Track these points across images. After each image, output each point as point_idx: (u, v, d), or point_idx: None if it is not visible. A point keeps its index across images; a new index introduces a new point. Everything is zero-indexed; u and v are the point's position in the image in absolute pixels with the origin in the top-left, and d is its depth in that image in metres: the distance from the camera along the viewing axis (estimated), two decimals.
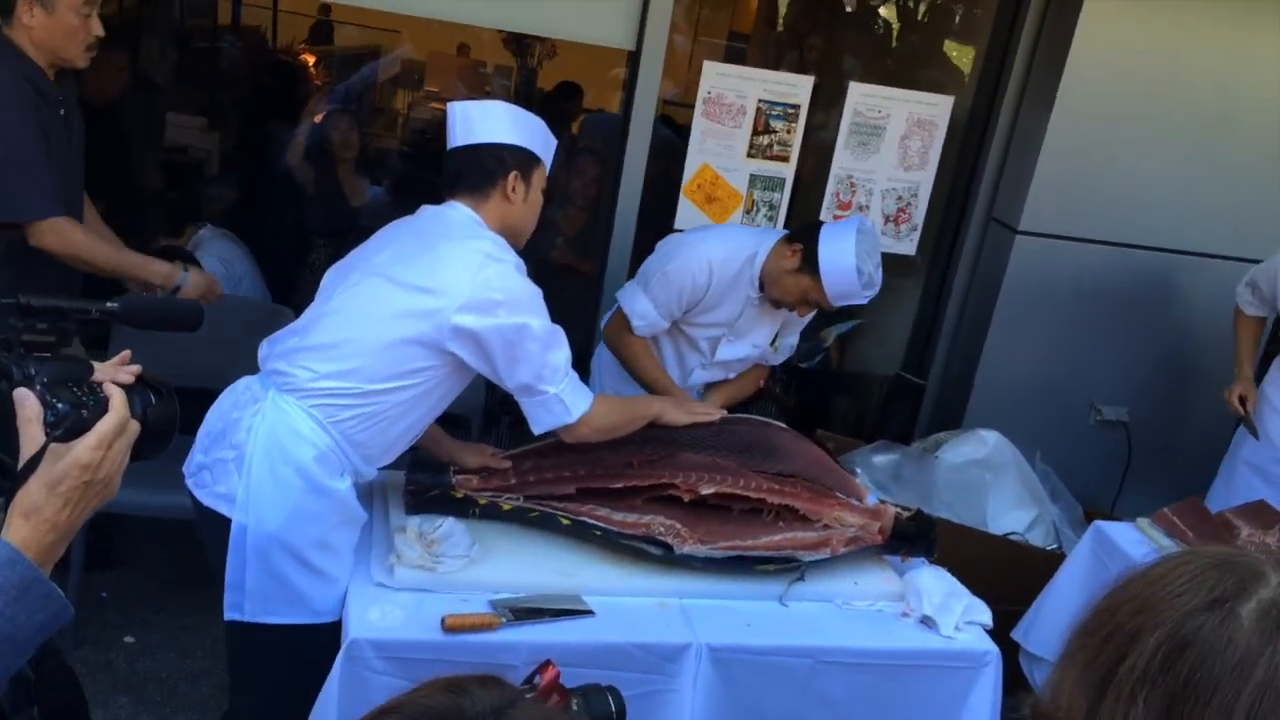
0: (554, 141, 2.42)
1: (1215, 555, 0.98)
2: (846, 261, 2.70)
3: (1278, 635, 0.91)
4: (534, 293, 2.21)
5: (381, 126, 6.29)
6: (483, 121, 2.29)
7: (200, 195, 5.00)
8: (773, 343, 3.11)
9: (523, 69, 6.39)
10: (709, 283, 2.90)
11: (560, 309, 3.06)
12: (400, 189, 4.84)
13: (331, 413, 2.17)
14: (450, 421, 3.10)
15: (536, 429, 2.35)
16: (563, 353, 2.26)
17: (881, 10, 7.42)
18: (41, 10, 2.64)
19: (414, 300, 2.15)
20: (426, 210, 2.35)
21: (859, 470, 3.57)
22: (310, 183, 4.65)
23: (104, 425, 1.13)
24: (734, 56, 5.91)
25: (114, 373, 1.18)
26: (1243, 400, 3.38)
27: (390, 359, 2.16)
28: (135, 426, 1.16)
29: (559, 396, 2.27)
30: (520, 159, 2.30)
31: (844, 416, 4.56)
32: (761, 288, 2.90)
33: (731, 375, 3.19)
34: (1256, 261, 3.81)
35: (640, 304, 2.95)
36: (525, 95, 6.14)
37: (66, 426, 1.11)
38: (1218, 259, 3.81)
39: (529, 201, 2.35)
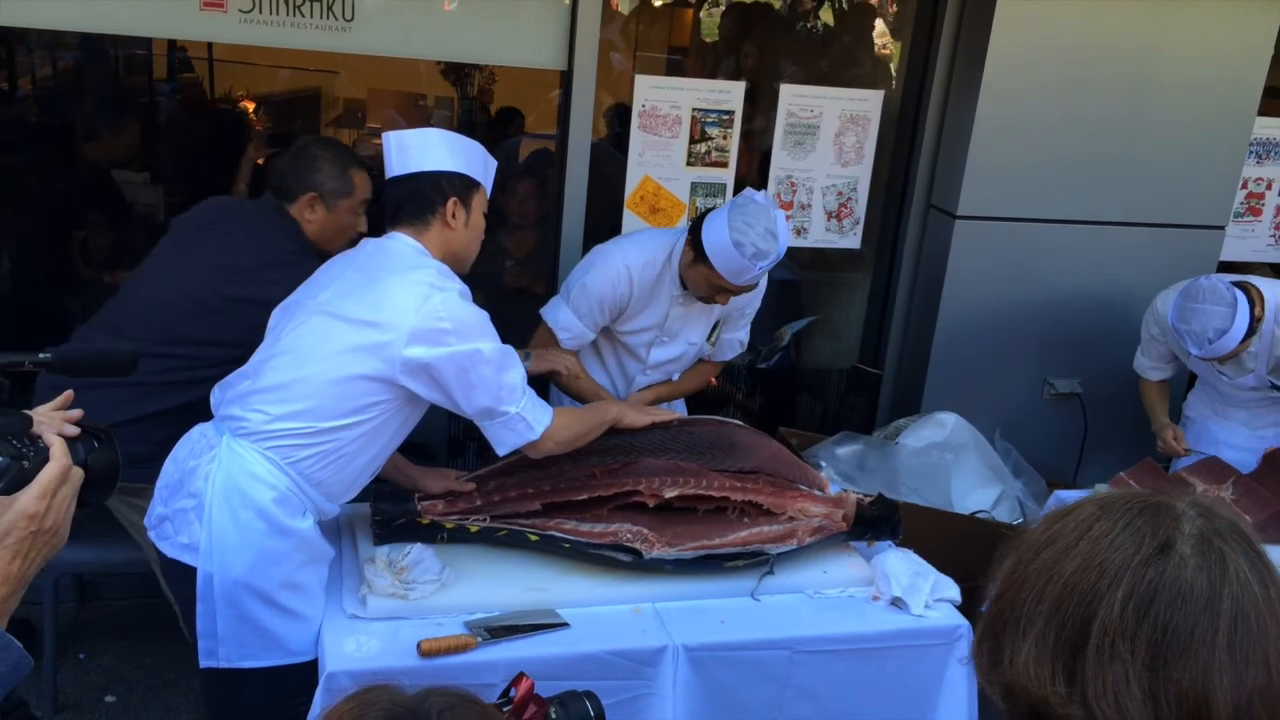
0: (494, 163, 2.44)
1: (1130, 501, 1.03)
2: (724, 240, 2.74)
3: (1224, 565, 0.96)
4: (481, 317, 2.23)
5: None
6: (419, 150, 2.31)
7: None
8: (710, 338, 3.15)
9: (464, 98, 6.41)
10: (630, 289, 2.94)
11: (516, 331, 3.10)
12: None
13: (288, 453, 2.18)
14: (415, 450, 3.12)
15: (501, 450, 2.36)
16: (517, 371, 2.28)
17: (812, 13, 7.53)
18: (323, 208, 2.81)
19: (362, 335, 2.16)
20: (368, 243, 2.36)
21: (823, 463, 3.62)
22: None
23: (46, 475, 1.15)
24: (675, 69, 5.99)
25: (58, 423, 1.20)
26: (1176, 438, 3.55)
27: (342, 396, 2.17)
28: (78, 474, 1.18)
29: (520, 415, 2.29)
30: (459, 185, 2.32)
31: (807, 413, 4.62)
32: (684, 285, 2.95)
33: (675, 376, 3.23)
34: (1186, 227, 3.94)
35: (563, 316, 2.97)
36: (467, 124, 6.18)
37: (9, 479, 1.12)
38: (1150, 226, 3.90)
39: (471, 226, 2.37)
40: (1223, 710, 0.93)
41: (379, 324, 2.15)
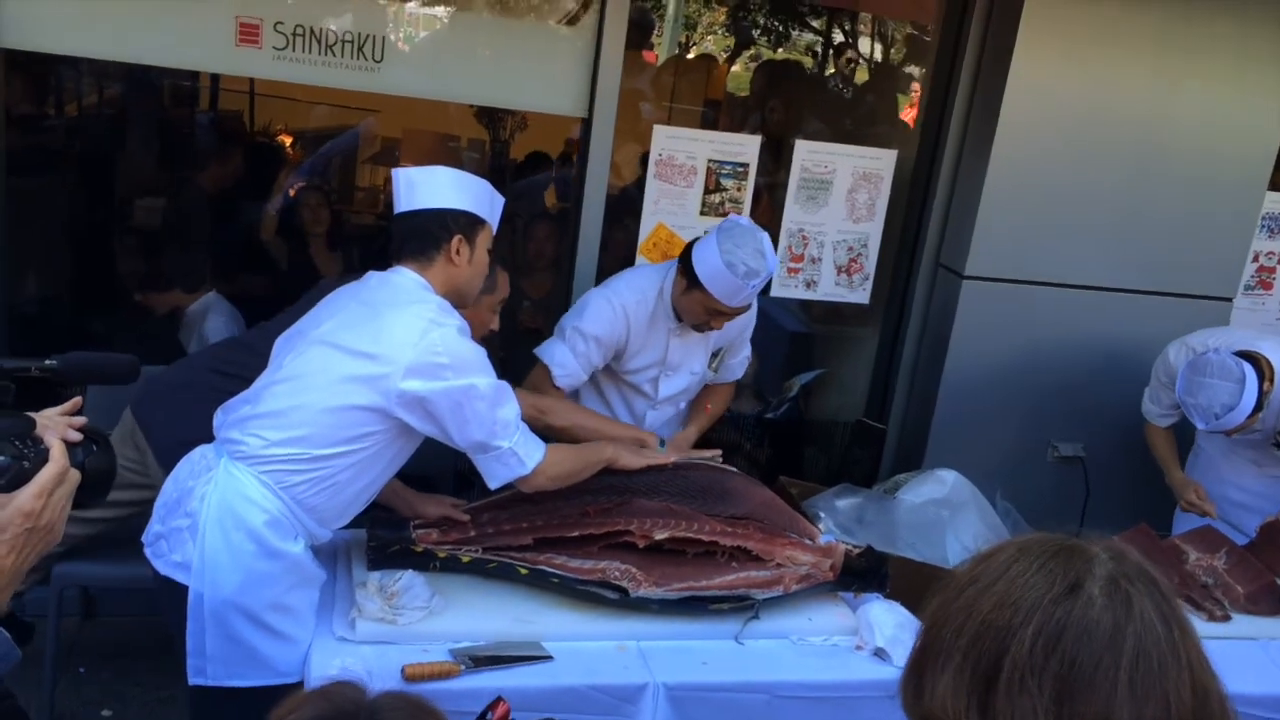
0: (501, 201, 2.51)
1: (1046, 544, 1.08)
2: (716, 263, 2.82)
3: (1129, 605, 1.02)
4: (479, 353, 2.29)
5: (361, 203, 6.44)
6: (426, 187, 2.39)
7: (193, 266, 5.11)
8: (712, 365, 3.22)
9: (495, 141, 6.56)
10: (626, 328, 3.01)
11: (528, 372, 3.17)
12: (374, 263, 4.96)
13: (282, 478, 2.23)
14: (419, 483, 3.18)
15: (493, 484, 2.41)
16: (512, 407, 2.34)
17: (836, 74, 7.67)
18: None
19: (360, 366, 2.22)
20: (372, 276, 2.43)
21: (822, 514, 3.64)
22: (283, 256, 4.78)
23: (44, 475, 1.22)
24: (708, 123, 6.12)
25: (61, 427, 1.27)
26: (1197, 494, 3.53)
27: (337, 425, 2.23)
28: (75, 475, 1.25)
29: (513, 450, 2.34)
30: (464, 222, 2.39)
31: (813, 463, 4.65)
32: (679, 317, 3.01)
33: (683, 405, 3.29)
34: (1193, 297, 3.97)
35: (559, 354, 3.02)
36: (496, 166, 6.31)
37: (9, 478, 1.19)
38: (1156, 295, 3.94)
39: (474, 263, 2.44)
40: None
41: (377, 356, 2.21)
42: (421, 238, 2.38)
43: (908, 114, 4.59)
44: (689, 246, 2.95)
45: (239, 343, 3.09)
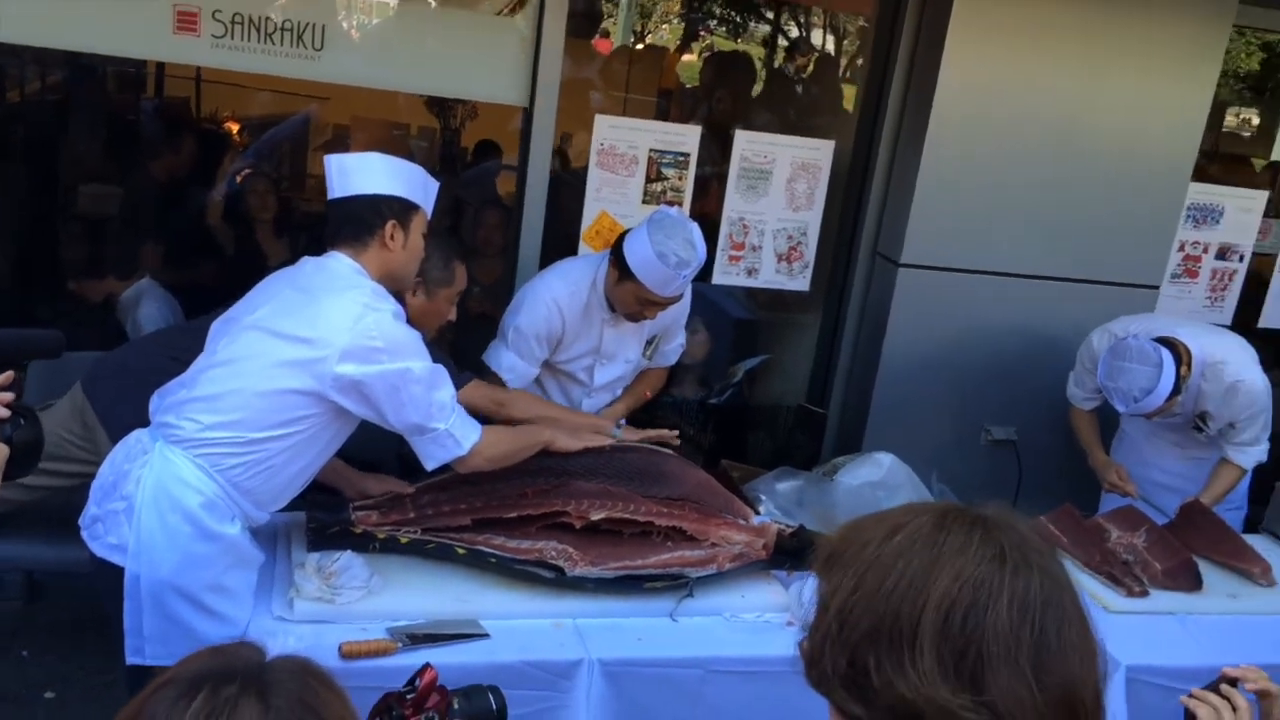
0: (434, 185, 2.54)
1: (959, 516, 1.10)
2: (647, 254, 2.91)
3: (1046, 571, 1.05)
4: (414, 337, 2.33)
5: (310, 191, 6.42)
6: (359, 173, 2.42)
7: (135, 252, 5.10)
8: (646, 353, 3.30)
9: (445, 129, 6.57)
10: (562, 321, 3.08)
11: (478, 358, 3.22)
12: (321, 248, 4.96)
13: (217, 461, 2.26)
14: (364, 468, 3.21)
15: (430, 465, 2.45)
16: (447, 390, 2.38)
17: (781, 64, 7.75)
18: (424, 294, 2.90)
19: (295, 350, 2.25)
20: (308, 262, 2.46)
21: (763, 497, 3.72)
22: (230, 243, 4.77)
23: None
24: (660, 112, 6.18)
25: None
26: (1119, 475, 3.65)
27: (272, 408, 2.26)
28: (3, 450, 1.28)
29: (449, 431, 2.39)
30: (398, 208, 2.42)
31: (757, 448, 4.73)
32: (613, 309, 3.07)
33: (618, 392, 3.36)
34: (1121, 285, 4.09)
35: (505, 358, 3.12)
36: (446, 154, 6.32)
37: None
38: (1086, 283, 4.06)
39: (409, 248, 2.47)
40: (1089, 699, 1.03)
41: (312, 340, 2.24)
42: (355, 223, 2.41)
43: (848, 105, 4.67)
44: (620, 238, 3.01)
45: (194, 329, 3.09)
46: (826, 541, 1.17)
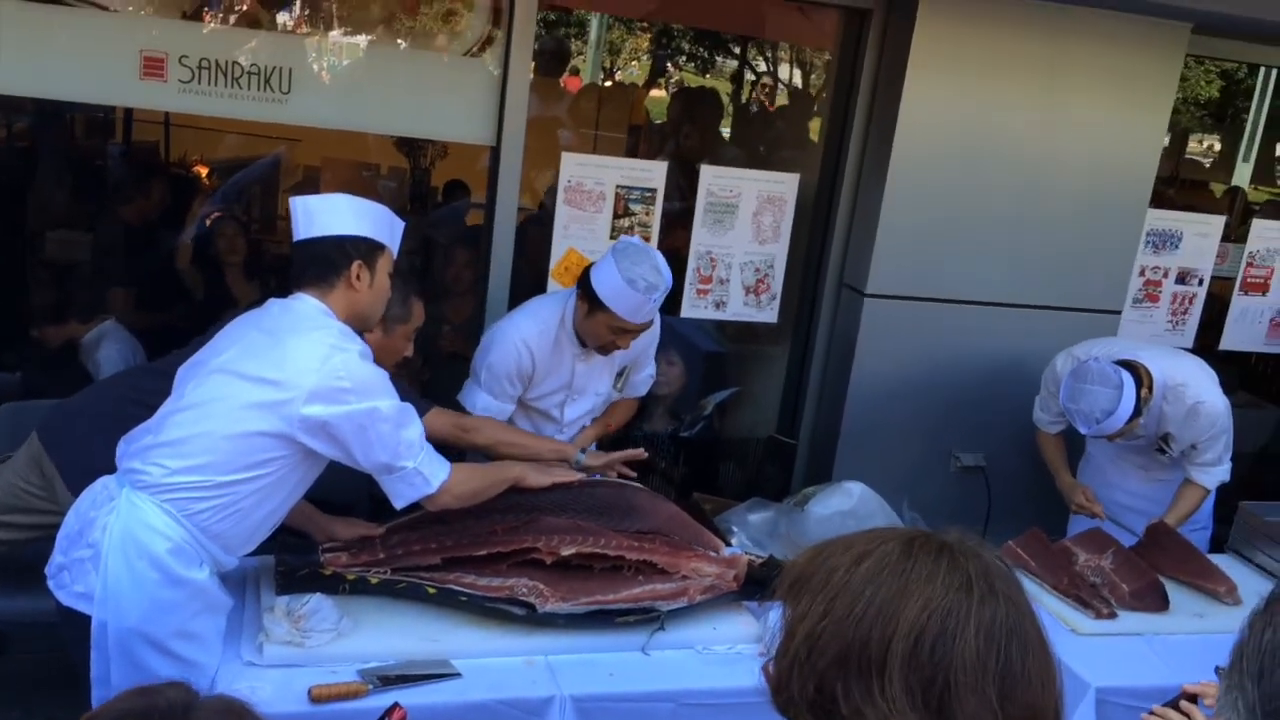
0: (400, 225, 2.55)
1: (923, 543, 1.12)
2: (616, 283, 2.94)
3: (1010, 599, 1.08)
4: (380, 376, 2.34)
5: (281, 232, 6.42)
6: (324, 214, 2.43)
7: (102, 296, 5.09)
8: (617, 385, 3.33)
9: (415, 169, 6.60)
10: (532, 360, 3.11)
11: (450, 396, 3.23)
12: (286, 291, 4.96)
13: (185, 505, 2.25)
14: (336, 510, 3.21)
15: (398, 503, 2.46)
16: (415, 428, 2.39)
17: (746, 99, 7.84)
18: (381, 330, 2.80)
19: (261, 393, 2.25)
20: (273, 304, 2.47)
21: (735, 528, 3.73)
22: (199, 286, 4.77)
23: None
24: (629, 149, 6.24)
25: None
26: (1085, 496, 3.69)
27: (239, 451, 2.26)
28: None
29: (417, 469, 2.40)
30: (364, 248, 2.44)
31: (729, 479, 4.74)
32: (584, 343, 3.10)
33: (588, 424, 3.38)
34: (1083, 310, 4.15)
35: (480, 399, 3.14)
36: (416, 194, 6.35)
37: None
38: (1048, 309, 4.12)
39: (375, 287, 2.48)
40: None
41: (279, 382, 2.25)
42: (321, 264, 2.42)
43: (813, 138, 4.73)
44: (585, 272, 3.04)
45: (153, 370, 3.09)
46: (792, 566, 1.18)
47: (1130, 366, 3.35)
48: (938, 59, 3.82)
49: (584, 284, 3.02)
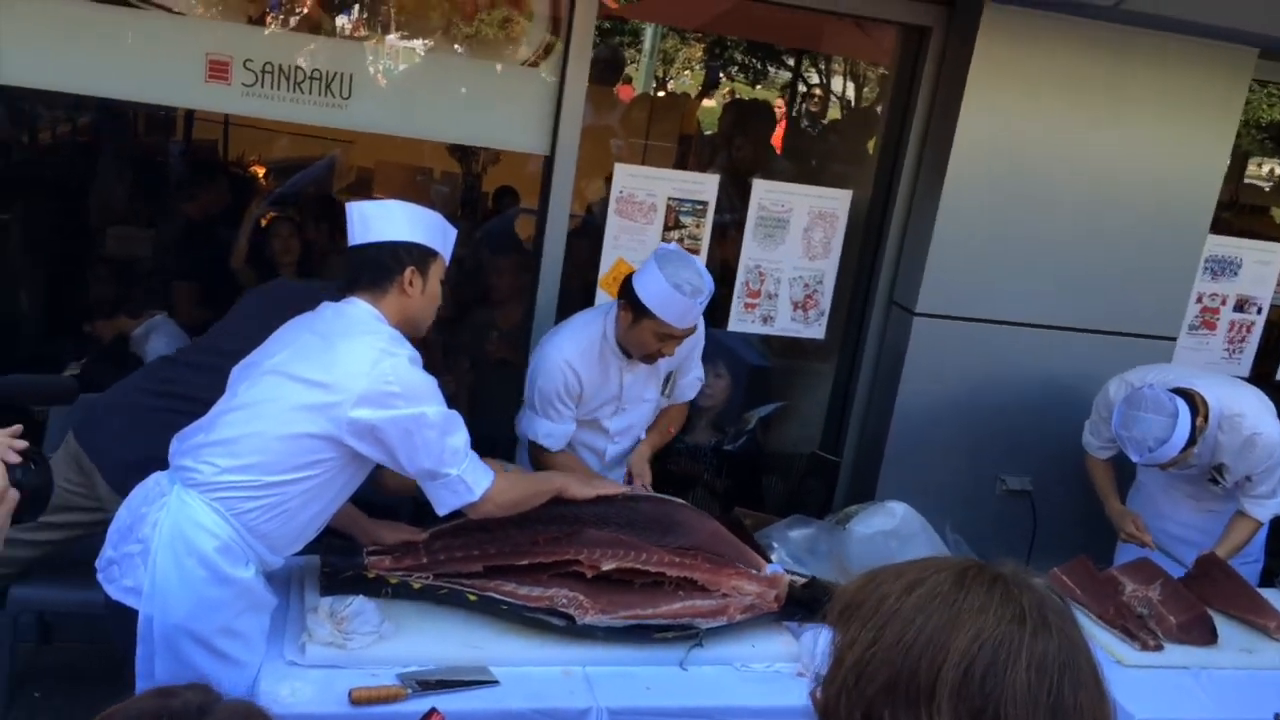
0: (453, 232, 2.58)
1: (977, 573, 1.10)
2: (662, 289, 2.93)
3: (1064, 631, 1.05)
4: (429, 382, 2.36)
5: (336, 234, 6.50)
6: (379, 220, 2.46)
7: (156, 292, 5.19)
8: (665, 391, 3.33)
9: (467, 174, 6.66)
10: (578, 379, 3.11)
11: (497, 402, 3.25)
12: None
13: (234, 505, 2.29)
14: (380, 512, 3.24)
15: (441, 510, 2.47)
16: (461, 435, 2.41)
17: (800, 112, 7.82)
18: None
19: (312, 395, 2.28)
20: (326, 307, 2.50)
21: (776, 544, 3.72)
22: (253, 285, 4.83)
23: None
24: (679, 159, 6.25)
25: (3, 448, 1.33)
26: (1135, 525, 3.62)
27: (289, 452, 2.29)
28: (14, 494, 1.31)
29: (461, 477, 2.41)
30: (417, 255, 2.47)
31: (771, 494, 4.73)
32: (628, 354, 3.10)
33: (641, 435, 3.39)
34: (1138, 336, 4.09)
35: (539, 426, 3.16)
36: (468, 200, 6.41)
37: None
38: (1102, 334, 4.06)
39: (427, 294, 2.51)
40: None
41: (329, 385, 2.27)
42: (375, 269, 2.45)
43: (866, 154, 4.71)
44: (626, 282, 3.04)
45: (172, 360, 3.13)
46: (843, 592, 1.17)
47: (1186, 394, 3.29)
48: (997, 77, 3.78)
49: (627, 294, 3.02)
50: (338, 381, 2.27)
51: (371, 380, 2.26)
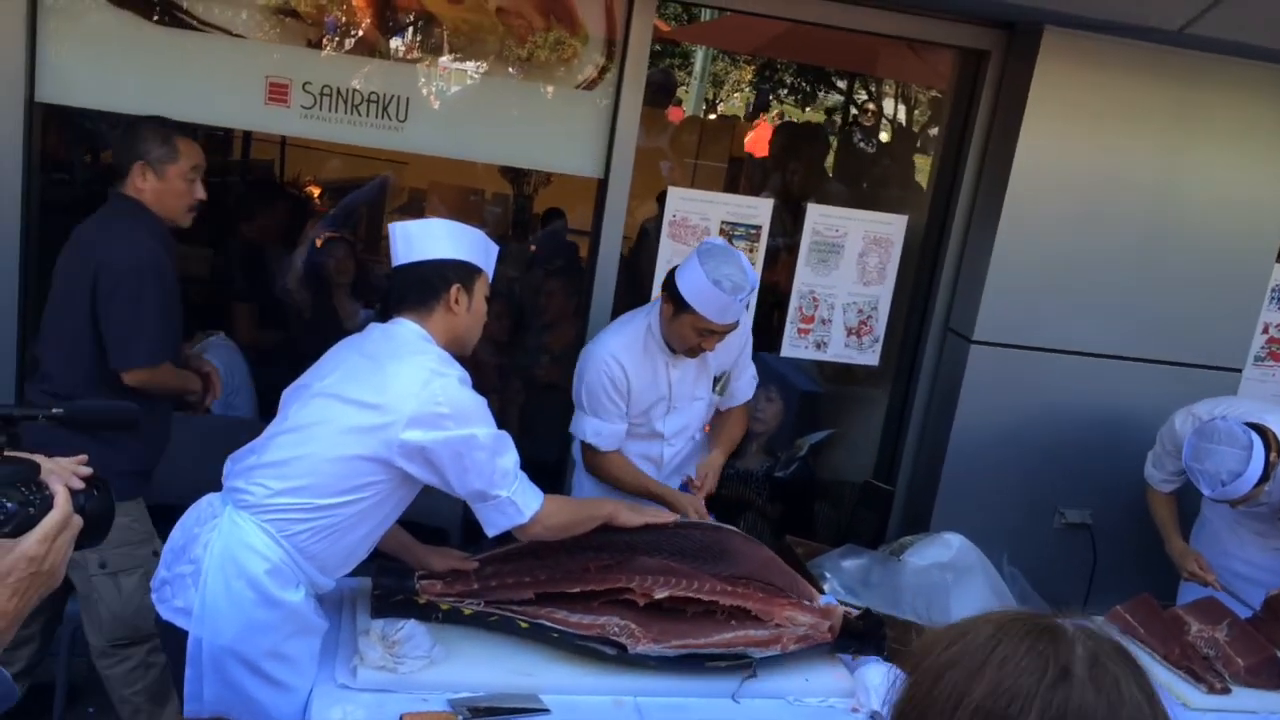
0: (495, 249, 2.58)
1: (1025, 624, 1.08)
2: (703, 283, 2.90)
3: (1117, 688, 1.02)
4: (479, 403, 2.35)
5: (386, 254, 6.54)
6: (423, 239, 2.46)
7: (213, 312, 5.24)
8: (717, 389, 3.29)
9: (518, 195, 6.69)
10: (623, 371, 3.07)
11: (546, 425, 3.23)
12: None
13: (284, 526, 2.29)
14: (431, 533, 3.23)
15: (491, 532, 2.46)
16: (511, 456, 2.39)
17: (853, 136, 7.77)
18: (154, 176, 2.96)
19: (363, 417, 2.28)
20: (375, 329, 2.50)
21: (828, 574, 3.66)
22: (306, 306, 4.88)
23: (49, 521, 1.27)
24: (730, 181, 6.23)
25: (67, 474, 1.33)
26: (1199, 564, 3.52)
27: (340, 474, 2.28)
28: (78, 521, 1.30)
29: (511, 499, 2.39)
30: (462, 272, 2.46)
31: (823, 522, 4.67)
32: (673, 349, 3.07)
33: (697, 436, 3.34)
34: (1202, 367, 3.99)
35: (589, 424, 3.12)
36: (519, 220, 6.43)
37: (15, 523, 1.25)
38: (1165, 364, 3.97)
39: (473, 311, 2.50)
40: None
41: (380, 406, 2.27)
42: (421, 289, 2.45)
43: (921, 179, 4.67)
44: (670, 274, 3.02)
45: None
46: (916, 645, 1.16)
47: (1258, 429, 3.19)
48: (1057, 103, 3.73)
49: (669, 286, 3.00)
50: (388, 403, 2.27)
51: (421, 402, 2.26)
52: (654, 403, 3.19)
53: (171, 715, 3.12)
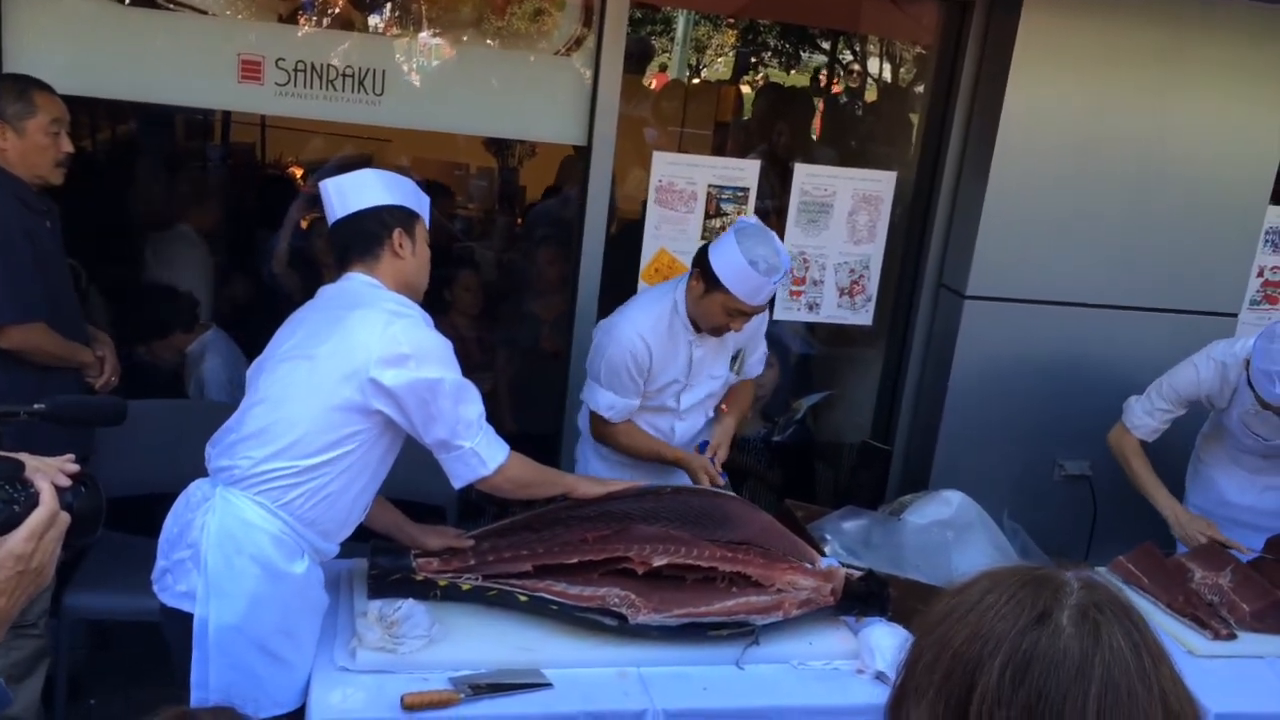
0: (426, 199, 2.56)
1: (1021, 574, 1.08)
2: (738, 262, 2.85)
3: (1097, 635, 1.02)
4: (442, 344, 2.34)
5: None
6: (356, 191, 2.43)
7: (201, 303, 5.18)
8: (734, 368, 3.25)
9: (503, 168, 6.63)
10: (648, 350, 3.03)
11: (542, 393, 3.19)
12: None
13: (277, 495, 2.27)
14: (428, 510, 3.20)
15: (456, 484, 2.44)
16: (475, 406, 2.37)
17: (838, 95, 7.69)
18: (13, 133, 2.89)
19: (332, 366, 2.27)
20: (326, 289, 2.48)
21: (829, 536, 3.64)
22: (296, 289, 4.82)
23: (35, 518, 1.23)
24: (716, 146, 6.16)
25: (53, 471, 1.29)
26: (1212, 530, 3.35)
27: (320, 428, 2.27)
28: (65, 518, 1.27)
29: (475, 450, 2.38)
30: (400, 215, 2.44)
31: (822, 484, 4.65)
32: (697, 327, 3.03)
33: (711, 412, 3.31)
34: (1198, 313, 3.95)
35: (603, 397, 3.08)
36: (505, 193, 6.36)
37: (0, 521, 1.21)
38: (1161, 311, 3.94)
39: (418, 255, 2.48)
40: None
41: (347, 353, 2.26)
42: (365, 238, 2.42)
43: (909, 135, 4.61)
44: (703, 250, 2.97)
45: None
46: (927, 608, 1.17)
47: None
48: (1044, 52, 3.67)
49: (702, 263, 2.95)
50: (353, 349, 2.26)
51: (385, 343, 2.25)
52: (672, 380, 3.16)
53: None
